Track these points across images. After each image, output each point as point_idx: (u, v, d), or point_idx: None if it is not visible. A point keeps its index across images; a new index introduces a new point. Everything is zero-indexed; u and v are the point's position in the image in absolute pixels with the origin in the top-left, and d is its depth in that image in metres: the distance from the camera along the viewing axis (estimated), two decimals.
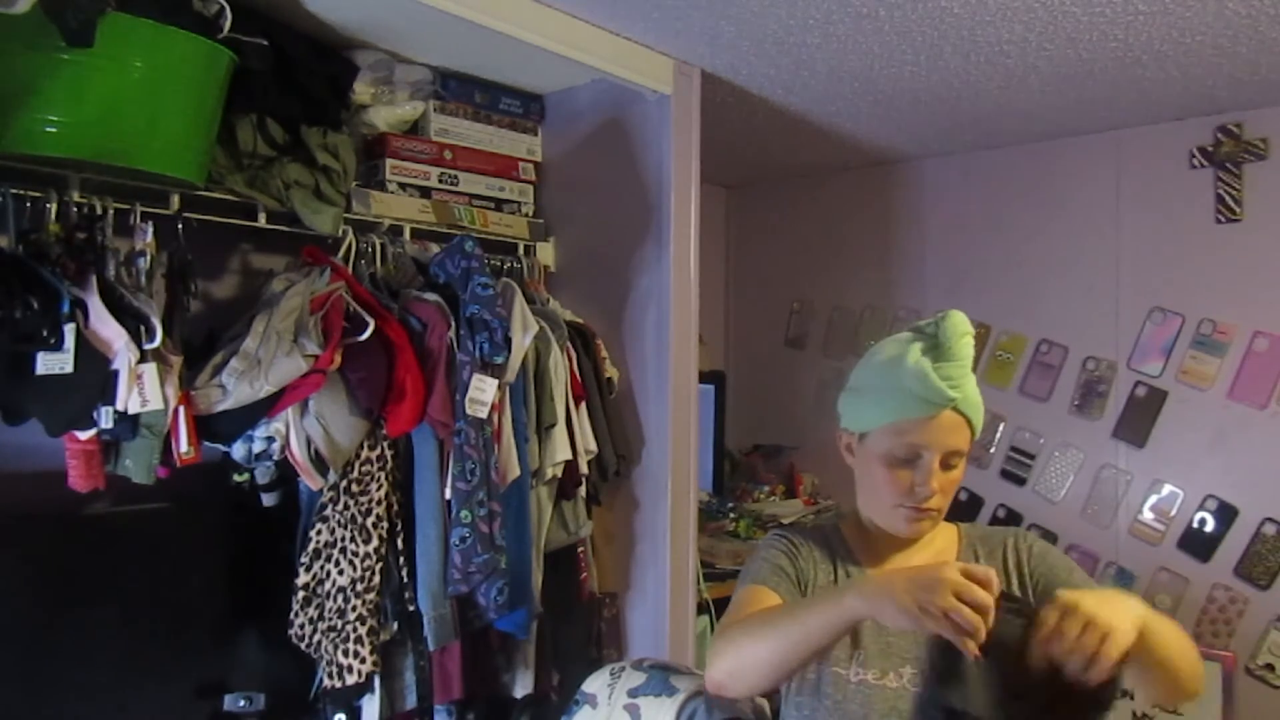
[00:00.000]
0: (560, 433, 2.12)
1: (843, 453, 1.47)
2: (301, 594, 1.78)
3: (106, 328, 1.49)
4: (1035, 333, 3.06)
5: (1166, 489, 2.81)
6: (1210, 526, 2.73)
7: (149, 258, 1.63)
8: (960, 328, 1.34)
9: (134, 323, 1.52)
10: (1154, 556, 2.81)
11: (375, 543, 1.83)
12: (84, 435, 1.53)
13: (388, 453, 1.88)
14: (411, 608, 1.89)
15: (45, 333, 1.43)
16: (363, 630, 1.80)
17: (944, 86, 2.51)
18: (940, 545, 1.46)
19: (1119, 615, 1.09)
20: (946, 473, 1.36)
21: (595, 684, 1.62)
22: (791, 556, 1.42)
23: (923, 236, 3.32)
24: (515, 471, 2.00)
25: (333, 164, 1.91)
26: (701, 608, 2.49)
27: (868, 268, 3.45)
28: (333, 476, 1.78)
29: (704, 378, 2.80)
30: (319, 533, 1.80)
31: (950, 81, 2.46)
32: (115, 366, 1.50)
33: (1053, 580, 1.38)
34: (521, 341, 1.99)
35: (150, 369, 1.52)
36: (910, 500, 1.36)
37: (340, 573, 1.80)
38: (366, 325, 1.78)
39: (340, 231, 1.91)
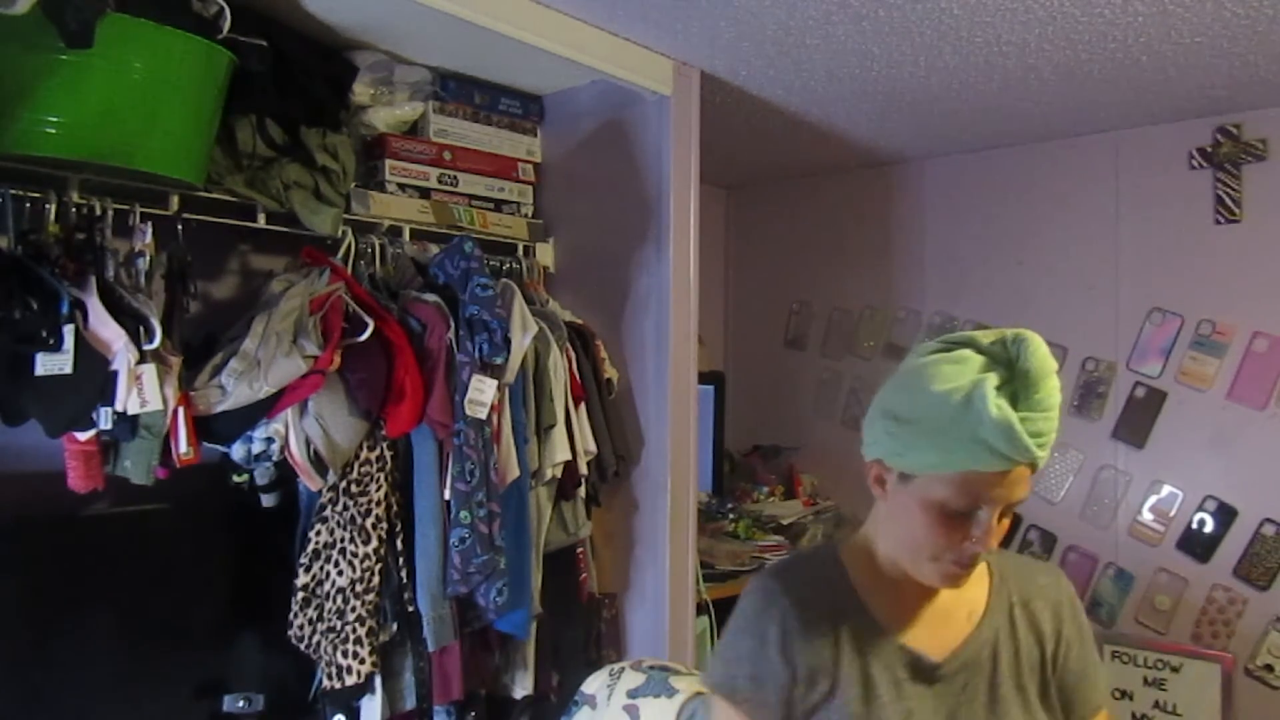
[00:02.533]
0: (559, 433, 2.12)
1: (870, 484, 1.24)
2: (301, 595, 1.78)
3: (106, 328, 1.49)
4: (1034, 333, 3.06)
5: (1166, 489, 2.81)
6: (1209, 527, 2.73)
7: (148, 258, 1.63)
8: (1048, 366, 1.12)
9: (133, 323, 1.52)
10: (1153, 557, 2.81)
11: (374, 543, 1.82)
12: (83, 436, 1.53)
13: (387, 454, 1.88)
14: (411, 608, 1.89)
15: (44, 334, 1.43)
16: (362, 631, 1.80)
17: (943, 87, 2.51)
18: (969, 587, 1.26)
19: None
20: (1000, 521, 1.16)
21: (594, 685, 1.62)
22: (781, 653, 1.20)
23: (923, 236, 3.32)
24: (515, 472, 2.00)
25: (332, 165, 1.91)
26: (701, 608, 2.49)
27: (867, 268, 3.45)
28: (332, 477, 1.78)
29: (703, 378, 2.80)
30: (318, 533, 1.80)
31: (950, 82, 2.46)
32: (114, 367, 1.50)
33: (1080, 679, 1.27)
34: (521, 342, 1.99)
35: (149, 370, 1.52)
36: (955, 555, 1.16)
37: (339, 573, 1.80)
38: (366, 326, 1.78)
39: (339, 232, 1.91)
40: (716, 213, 3.75)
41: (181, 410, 1.60)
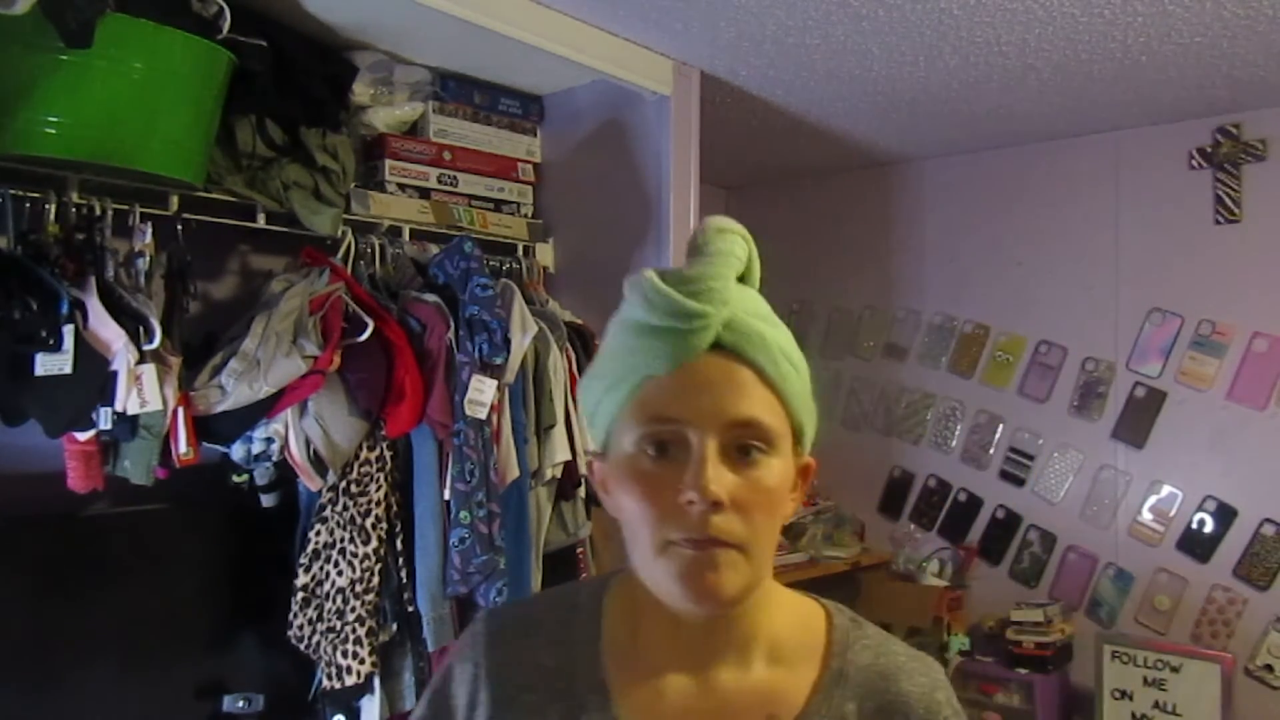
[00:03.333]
0: (559, 434, 2.11)
1: (599, 494, 0.89)
2: (300, 595, 1.78)
3: (105, 329, 1.49)
4: (1034, 333, 3.06)
5: (1165, 490, 2.81)
6: (1209, 527, 2.73)
7: (148, 258, 1.62)
8: (716, 223, 0.91)
9: (133, 323, 1.52)
10: (1153, 557, 2.81)
11: (374, 544, 1.82)
12: (83, 436, 1.53)
13: (387, 454, 1.88)
14: (411, 609, 1.89)
15: (44, 334, 1.43)
16: (362, 631, 1.80)
17: (943, 87, 2.51)
18: (781, 678, 0.85)
19: None
20: (743, 470, 0.79)
21: None
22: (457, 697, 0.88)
23: (922, 236, 3.32)
24: (514, 472, 1.99)
25: (332, 165, 1.90)
26: None
27: (867, 268, 3.45)
28: (332, 477, 1.78)
29: None
30: (318, 534, 1.80)
31: (949, 82, 2.46)
32: (114, 367, 1.49)
33: None
34: (520, 342, 1.99)
35: (149, 370, 1.52)
36: (681, 527, 0.76)
37: (339, 574, 1.79)
38: (365, 326, 1.78)
39: (339, 232, 1.91)
40: (716, 213, 3.74)
41: (181, 410, 1.60)
